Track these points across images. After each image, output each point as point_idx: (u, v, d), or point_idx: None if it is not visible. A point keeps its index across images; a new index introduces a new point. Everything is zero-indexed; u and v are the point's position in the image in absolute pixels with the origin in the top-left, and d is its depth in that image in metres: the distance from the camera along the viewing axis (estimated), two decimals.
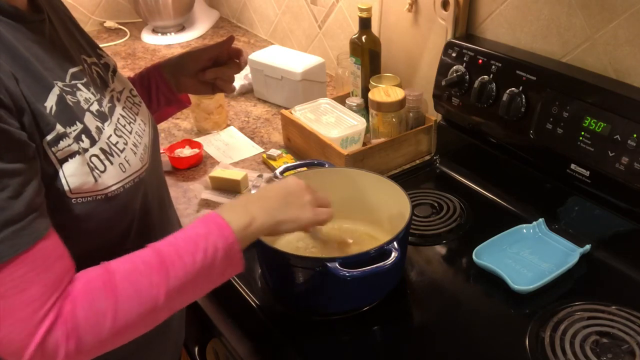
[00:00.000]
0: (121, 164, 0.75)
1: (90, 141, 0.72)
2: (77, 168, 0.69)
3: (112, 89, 0.84)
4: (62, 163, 0.68)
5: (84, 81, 0.76)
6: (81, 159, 0.70)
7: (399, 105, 1.28)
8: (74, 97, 0.72)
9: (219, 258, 0.72)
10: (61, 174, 0.68)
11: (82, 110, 0.73)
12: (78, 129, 0.71)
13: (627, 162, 0.93)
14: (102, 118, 0.76)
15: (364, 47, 1.38)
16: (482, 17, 1.22)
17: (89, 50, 0.85)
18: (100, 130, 0.74)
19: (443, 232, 1.11)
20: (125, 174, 0.76)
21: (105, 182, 0.72)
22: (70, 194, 0.69)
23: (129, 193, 0.76)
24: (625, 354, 0.82)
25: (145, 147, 0.83)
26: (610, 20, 1.00)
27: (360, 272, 0.84)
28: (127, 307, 0.65)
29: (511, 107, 1.09)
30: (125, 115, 0.82)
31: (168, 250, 0.70)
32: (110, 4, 2.26)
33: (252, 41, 2.09)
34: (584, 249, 1.01)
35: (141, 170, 0.79)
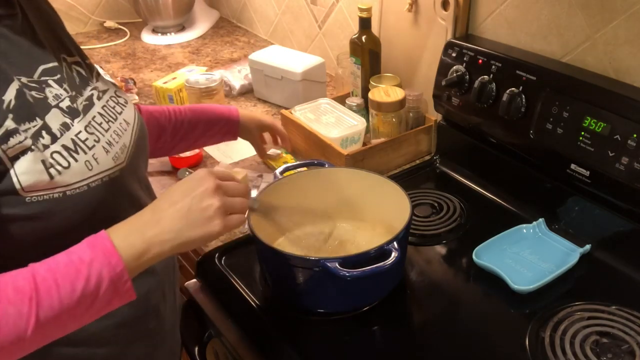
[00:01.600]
0: (88, 161, 0.72)
1: (51, 138, 0.70)
2: (30, 165, 0.66)
3: (95, 87, 0.82)
4: (13, 161, 0.65)
5: (56, 77, 0.74)
6: (34, 155, 0.67)
7: (399, 105, 1.28)
8: (40, 93, 0.71)
9: (103, 288, 0.65)
10: (12, 172, 0.65)
11: (47, 106, 0.71)
12: (37, 125, 0.68)
13: (627, 162, 0.93)
14: (73, 114, 0.74)
15: (364, 47, 1.38)
16: (482, 17, 1.22)
17: (73, 50, 0.83)
18: (67, 127, 0.72)
19: (443, 232, 1.11)
20: (91, 172, 0.72)
21: (65, 179, 0.69)
22: (22, 192, 0.66)
23: (95, 192, 0.73)
24: (625, 354, 0.82)
25: (123, 147, 0.80)
26: (610, 20, 1.00)
27: (360, 272, 0.84)
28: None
29: (511, 107, 1.09)
30: (104, 114, 0.80)
31: (45, 276, 0.64)
32: (110, 4, 2.26)
33: (252, 41, 2.09)
34: (584, 249, 1.01)
35: (113, 170, 0.76)
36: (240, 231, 1.16)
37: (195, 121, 1.17)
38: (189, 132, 1.16)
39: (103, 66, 1.90)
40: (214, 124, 1.19)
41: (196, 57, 1.98)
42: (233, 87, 1.69)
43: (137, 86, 1.74)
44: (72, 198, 0.70)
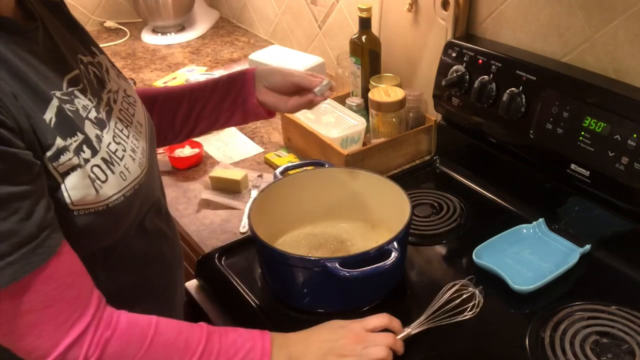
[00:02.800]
0: (122, 172, 0.74)
1: (92, 151, 0.71)
2: (79, 181, 0.68)
3: (109, 89, 0.81)
4: (64, 177, 0.67)
5: (80, 87, 0.74)
6: (82, 171, 0.69)
7: (399, 105, 1.28)
8: (73, 106, 0.70)
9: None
10: (63, 187, 0.67)
11: (81, 118, 0.71)
12: (79, 140, 0.69)
13: (627, 162, 0.93)
14: (101, 125, 0.74)
15: (364, 47, 1.38)
16: (482, 17, 1.22)
17: (83, 48, 0.81)
18: (99, 139, 0.73)
19: (443, 232, 1.11)
20: (125, 182, 0.74)
21: (106, 192, 0.71)
22: (72, 206, 0.68)
23: (128, 201, 0.75)
24: (625, 354, 0.82)
25: (143, 151, 0.81)
26: (610, 20, 1.00)
27: (360, 272, 0.84)
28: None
29: (511, 107, 1.09)
30: (122, 118, 0.80)
31: (212, 344, 0.73)
32: (110, 4, 2.26)
33: (252, 41, 2.09)
34: (584, 249, 1.01)
35: (140, 177, 0.78)
36: (240, 231, 1.16)
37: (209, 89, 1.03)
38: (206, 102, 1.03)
39: None
40: (230, 85, 1.02)
41: (196, 57, 1.98)
42: None
43: (137, 86, 1.74)
44: (113, 210, 0.72)
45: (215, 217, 1.21)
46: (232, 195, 1.25)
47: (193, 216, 1.21)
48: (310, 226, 1.08)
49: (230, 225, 1.18)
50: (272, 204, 1.01)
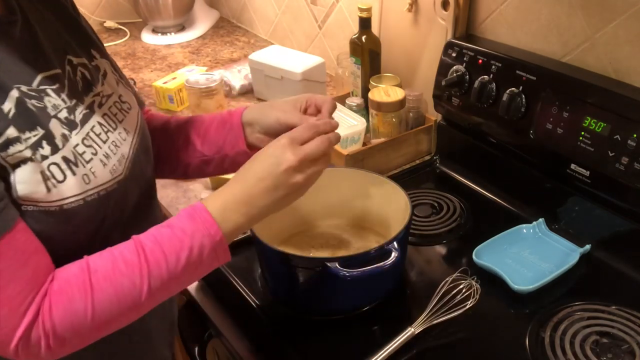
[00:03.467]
0: (85, 175, 0.71)
1: (52, 148, 0.68)
2: (28, 175, 0.65)
3: (98, 92, 0.79)
4: (14, 168, 0.64)
5: (55, 87, 0.71)
6: (33, 166, 0.66)
7: (399, 105, 1.28)
8: (40, 102, 0.69)
9: (204, 255, 0.72)
10: (12, 178, 0.64)
11: (47, 116, 0.69)
12: (39, 135, 0.67)
13: (627, 162, 0.93)
14: (70, 126, 0.71)
15: (364, 47, 1.38)
16: (482, 17, 1.22)
17: (79, 50, 0.79)
18: (66, 138, 0.70)
19: (443, 232, 1.11)
20: (88, 186, 0.71)
21: (61, 192, 0.68)
22: (19, 201, 0.65)
23: (89, 207, 0.71)
24: (625, 354, 0.82)
25: (122, 158, 0.77)
26: (610, 20, 1.00)
27: (360, 272, 0.84)
28: (106, 307, 0.67)
29: (511, 107, 1.09)
30: (104, 123, 0.77)
31: (152, 248, 0.69)
32: (110, 4, 2.26)
33: (252, 41, 2.09)
34: (584, 249, 1.01)
35: (110, 183, 0.74)
36: None
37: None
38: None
39: None
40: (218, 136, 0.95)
41: (196, 57, 1.98)
42: (233, 87, 1.69)
43: (137, 86, 1.74)
44: (68, 212, 0.69)
45: None
46: None
47: None
48: (310, 226, 1.08)
49: None
50: None
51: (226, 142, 0.93)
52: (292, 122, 0.87)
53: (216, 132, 0.94)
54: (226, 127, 0.93)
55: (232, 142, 0.92)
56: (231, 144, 0.93)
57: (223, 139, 0.93)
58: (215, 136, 0.94)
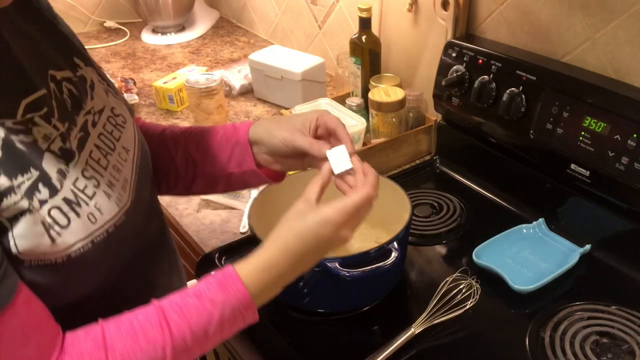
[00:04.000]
0: (90, 213, 0.62)
1: (50, 190, 0.59)
2: (29, 228, 0.56)
3: (89, 109, 0.69)
4: (12, 222, 0.56)
5: (43, 112, 0.61)
6: (33, 217, 0.57)
7: (399, 105, 1.28)
8: (28, 137, 0.58)
9: (234, 327, 0.67)
10: (10, 234, 0.56)
11: (38, 151, 0.59)
12: (33, 178, 0.58)
13: (627, 162, 0.93)
14: (67, 157, 0.62)
15: (364, 47, 1.38)
16: (482, 17, 1.22)
17: (61, 61, 0.68)
18: (63, 174, 0.61)
19: (443, 232, 1.11)
20: (94, 226, 0.62)
21: (67, 240, 0.59)
22: (20, 256, 0.57)
23: (99, 248, 0.62)
24: (625, 354, 0.82)
25: (125, 184, 0.69)
26: (610, 20, 1.00)
27: (360, 272, 0.84)
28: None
29: (511, 107, 1.09)
30: (102, 145, 0.68)
31: (177, 322, 0.62)
32: (110, 4, 2.26)
33: (252, 41, 2.09)
34: (584, 249, 1.01)
35: (117, 216, 0.65)
36: (240, 231, 1.16)
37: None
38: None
39: (103, 66, 1.90)
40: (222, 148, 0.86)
41: (196, 57, 1.98)
42: (233, 87, 1.69)
43: (137, 86, 1.74)
44: (75, 260, 0.60)
45: (215, 217, 1.20)
46: (232, 195, 1.25)
47: (193, 216, 1.21)
48: None
49: (230, 225, 1.18)
50: (272, 204, 1.01)
51: (232, 159, 0.84)
52: (299, 145, 0.78)
53: (219, 148, 0.85)
54: (231, 143, 0.84)
55: (238, 159, 0.84)
56: (237, 161, 0.84)
57: (228, 156, 0.84)
58: (218, 152, 0.85)
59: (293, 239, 0.69)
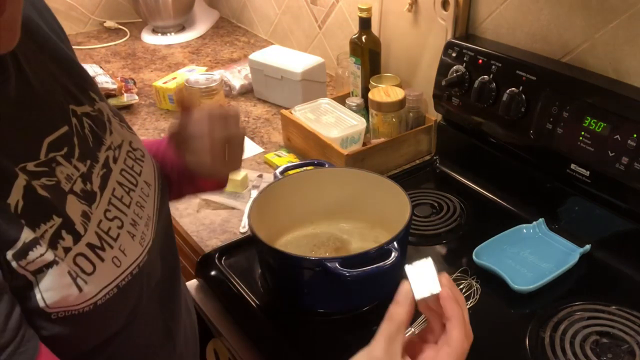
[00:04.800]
0: (115, 257, 0.59)
1: (74, 237, 0.56)
2: (56, 280, 0.53)
3: (109, 145, 0.65)
4: (37, 275, 0.53)
5: (64, 151, 0.58)
6: (59, 268, 0.54)
7: (399, 105, 1.28)
8: (51, 179, 0.55)
9: None
10: (35, 287, 0.53)
11: (62, 194, 0.56)
12: (56, 225, 0.54)
13: (627, 162, 0.93)
14: (90, 198, 0.59)
15: (364, 47, 1.38)
16: (482, 17, 1.22)
17: (80, 94, 0.65)
18: (87, 217, 0.58)
19: (443, 232, 1.11)
20: (120, 269, 0.59)
21: (93, 288, 0.56)
22: (48, 309, 0.53)
23: (124, 292, 0.59)
24: (625, 354, 0.82)
25: (148, 221, 0.66)
26: (610, 20, 1.00)
27: (360, 272, 0.84)
28: None
29: (511, 107, 1.09)
30: (124, 182, 0.65)
31: None
32: (110, 4, 2.26)
33: (252, 41, 2.09)
34: (584, 249, 1.01)
35: (142, 257, 0.63)
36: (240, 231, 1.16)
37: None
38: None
39: (103, 66, 1.90)
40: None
41: (196, 57, 1.98)
42: (233, 87, 1.69)
43: (137, 86, 1.74)
44: (102, 307, 0.57)
45: (215, 217, 1.20)
46: (232, 195, 1.25)
47: (193, 216, 1.21)
48: (310, 226, 1.08)
49: (230, 225, 1.18)
50: (272, 204, 1.01)
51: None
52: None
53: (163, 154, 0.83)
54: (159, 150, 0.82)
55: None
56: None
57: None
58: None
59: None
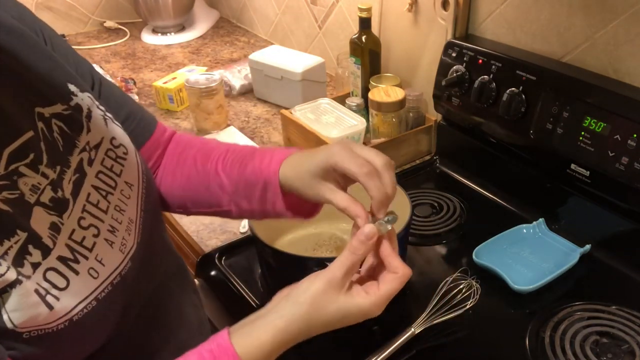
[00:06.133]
0: (91, 268, 0.55)
1: (42, 251, 0.52)
2: (20, 301, 0.50)
3: (84, 146, 0.61)
4: (1, 294, 0.49)
5: (29, 159, 0.54)
6: (24, 287, 0.50)
7: (399, 105, 1.28)
8: (13, 192, 0.52)
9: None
10: (2, 308, 0.49)
11: (26, 207, 0.53)
12: (21, 240, 0.51)
13: (627, 162, 0.93)
14: (60, 207, 0.55)
15: (364, 47, 1.38)
16: (482, 17, 1.22)
17: (52, 93, 0.60)
18: (56, 229, 0.54)
19: (443, 232, 1.11)
20: (97, 281, 0.55)
21: (66, 304, 0.52)
22: (17, 329, 0.50)
23: (104, 305, 0.56)
24: (625, 354, 0.82)
25: (130, 224, 0.62)
26: (610, 20, 1.00)
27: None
28: None
29: (511, 107, 1.09)
30: (101, 186, 0.60)
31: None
32: (110, 4, 2.26)
33: (252, 41, 2.09)
34: (584, 249, 1.01)
35: (123, 264, 0.59)
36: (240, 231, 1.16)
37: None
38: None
39: (103, 66, 1.90)
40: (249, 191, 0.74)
41: (196, 57, 1.98)
42: (233, 87, 1.69)
43: (137, 86, 1.74)
44: (79, 323, 0.54)
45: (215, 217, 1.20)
46: None
47: (193, 216, 1.21)
48: (310, 226, 1.08)
49: (230, 225, 1.18)
50: None
51: (257, 198, 0.73)
52: (334, 203, 0.69)
53: (246, 185, 0.74)
54: (257, 184, 0.72)
55: (261, 198, 0.73)
56: (261, 199, 0.73)
57: (250, 194, 0.73)
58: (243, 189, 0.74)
59: (318, 326, 0.61)
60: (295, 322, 0.60)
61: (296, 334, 0.60)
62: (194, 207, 0.80)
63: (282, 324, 0.59)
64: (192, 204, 0.79)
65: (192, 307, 0.80)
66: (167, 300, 0.71)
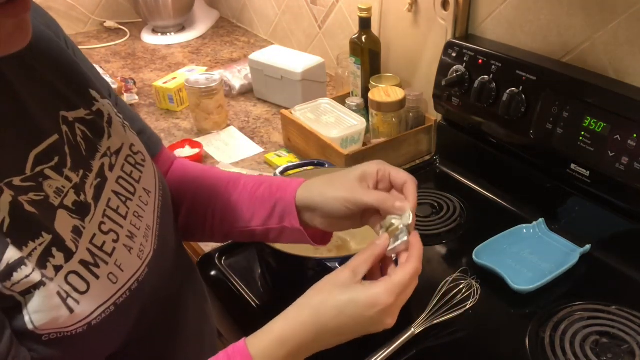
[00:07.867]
0: (111, 273, 0.56)
1: (65, 255, 0.53)
2: (44, 302, 0.50)
3: (105, 151, 0.61)
4: (24, 295, 0.50)
5: (54, 162, 0.55)
6: (48, 289, 0.51)
7: (399, 105, 1.28)
8: (39, 194, 0.53)
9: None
10: (24, 309, 0.50)
11: (51, 209, 0.53)
12: (45, 242, 0.52)
13: (627, 162, 0.93)
14: (82, 212, 0.56)
15: (364, 47, 1.38)
16: (482, 17, 1.22)
17: (76, 97, 0.61)
18: (78, 233, 0.55)
19: (443, 232, 1.11)
20: (116, 286, 0.56)
21: (86, 308, 0.53)
22: (37, 331, 0.51)
23: (121, 310, 0.56)
24: (625, 354, 0.82)
25: (147, 231, 0.62)
26: (610, 20, 1.00)
27: None
28: None
29: (511, 107, 1.09)
30: (121, 191, 0.61)
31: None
32: (110, 4, 2.26)
33: (252, 41, 2.09)
34: (584, 249, 1.01)
35: (141, 270, 0.59)
36: None
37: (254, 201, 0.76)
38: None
39: (103, 66, 1.90)
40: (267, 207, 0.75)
41: (196, 57, 1.98)
42: (233, 87, 1.69)
43: (137, 86, 1.74)
44: (97, 327, 0.54)
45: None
46: None
47: None
48: None
49: None
50: None
51: (273, 216, 0.74)
52: (365, 202, 0.67)
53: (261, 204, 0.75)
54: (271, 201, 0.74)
55: (280, 215, 0.73)
56: (279, 217, 0.73)
57: (267, 213, 0.74)
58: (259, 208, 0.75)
59: (329, 316, 0.61)
60: (303, 310, 0.61)
61: (306, 325, 0.61)
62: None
63: (292, 313, 0.61)
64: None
65: (204, 317, 0.79)
66: (181, 307, 0.71)
